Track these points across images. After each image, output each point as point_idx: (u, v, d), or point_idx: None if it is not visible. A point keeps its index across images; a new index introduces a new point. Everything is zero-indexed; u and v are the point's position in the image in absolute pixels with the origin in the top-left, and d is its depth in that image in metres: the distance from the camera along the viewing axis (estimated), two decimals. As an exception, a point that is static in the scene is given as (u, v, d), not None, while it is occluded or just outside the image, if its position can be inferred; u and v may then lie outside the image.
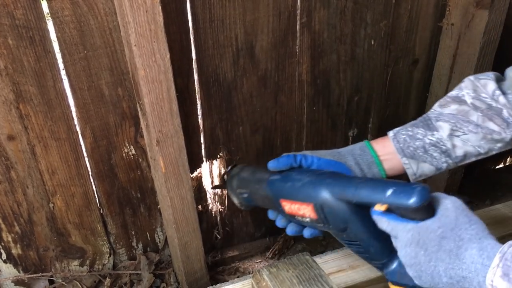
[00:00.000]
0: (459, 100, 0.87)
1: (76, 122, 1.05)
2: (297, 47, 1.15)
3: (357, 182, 0.70)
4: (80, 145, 1.08)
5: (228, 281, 1.20)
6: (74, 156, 1.08)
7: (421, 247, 0.63)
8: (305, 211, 0.76)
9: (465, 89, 0.87)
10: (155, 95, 0.93)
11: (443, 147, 0.86)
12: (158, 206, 1.23)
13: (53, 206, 1.12)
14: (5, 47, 0.91)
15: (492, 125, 0.84)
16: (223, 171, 1.27)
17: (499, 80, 0.87)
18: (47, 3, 0.90)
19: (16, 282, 1.19)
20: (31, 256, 1.18)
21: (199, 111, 1.15)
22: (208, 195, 1.34)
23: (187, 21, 1.01)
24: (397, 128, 0.89)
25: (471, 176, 1.60)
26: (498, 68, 1.31)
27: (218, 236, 1.38)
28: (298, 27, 1.13)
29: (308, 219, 0.77)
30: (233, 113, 1.17)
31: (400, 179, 0.75)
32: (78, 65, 0.98)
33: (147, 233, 1.29)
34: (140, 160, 1.15)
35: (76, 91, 1.01)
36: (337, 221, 0.71)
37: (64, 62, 0.97)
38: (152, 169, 1.13)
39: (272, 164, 0.85)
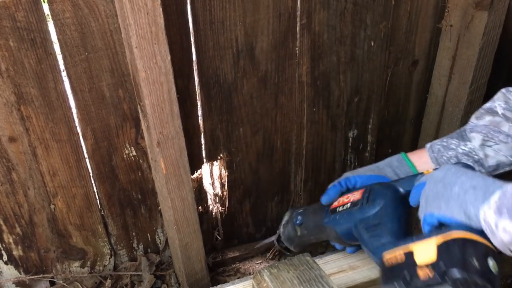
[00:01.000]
0: (492, 112, 0.90)
1: (77, 123, 1.06)
2: (297, 48, 1.16)
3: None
4: (81, 147, 1.08)
5: (228, 282, 1.21)
6: (75, 158, 1.08)
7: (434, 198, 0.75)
8: (352, 196, 0.84)
9: (497, 100, 0.90)
10: (156, 97, 0.93)
11: (476, 156, 0.89)
12: (159, 207, 1.23)
13: (54, 208, 1.13)
14: (6, 49, 0.91)
15: None
16: (224, 172, 1.27)
17: None
18: (48, 5, 0.91)
19: (17, 283, 1.19)
20: (32, 258, 1.18)
21: (200, 113, 1.15)
22: (208, 196, 1.34)
23: (188, 23, 1.02)
24: (434, 141, 0.95)
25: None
26: (498, 69, 1.31)
27: (219, 237, 1.38)
28: (298, 28, 1.13)
29: (348, 205, 0.84)
30: (234, 114, 1.18)
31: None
32: (79, 67, 0.98)
33: (148, 234, 1.29)
34: (140, 161, 1.16)
35: (77, 93, 1.01)
36: (377, 199, 0.80)
37: (65, 64, 0.97)
38: (153, 170, 1.13)
39: (325, 198, 0.92)
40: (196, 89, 1.11)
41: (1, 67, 0.92)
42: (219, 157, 1.23)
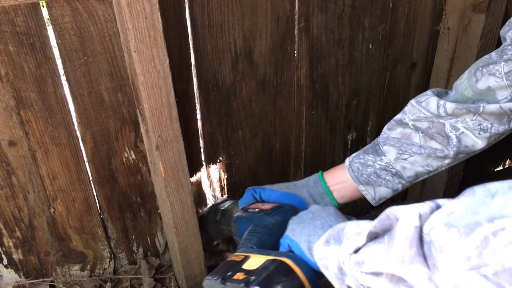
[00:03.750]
0: (402, 123, 0.91)
1: (76, 127, 1.06)
2: (295, 51, 1.16)
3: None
4: (81, 150, 1.09)
5: (228, 285, 1.21)
6: (75, 161, 1.09)
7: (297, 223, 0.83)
8: (266, 206, 0.95)
9: (407, 113, 0.92)
10: (154, 101, 0.94)
11: (393, 170, 0.91)
12: (158, 211, 1.24)
13: (54, 211, 1.13)
14: (5, 53, 0.92)
15: (434, 144, 0.87)
16: (223, 175, 1.28)
17: (442, 95, 0.90)
18: (47, 10, 0.91)
19: (17, 287, 1.19)
20: (32, 261, 1.19)
21: (199, 116, 1.15)
22: (208, 199, 1.34)
23: (186, 27, 1.02)
24: (352, 156, 0.97)
25: (470, 179, 1.61)
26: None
27: (218, 240, 1.38)
28: (296, 32, 1.14)
29: (257, 209, 0.94)
30: (232, 117, 1.18)
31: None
32: (78, 71, 0.99)
33: (148, 237, 1.29)
34: (140, 164, 1.16)
35: (77, 97, 1.02)
36: (276, 215, 0.90)
37: (64, 68, 0.98)
38: (152, 174, 1.13)
39: (241, 202, 1.03)
40: (195, 93, 1.11)
41: (0, 71, 0.93)
42: (218, 160, 1.23)
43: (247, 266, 0.74)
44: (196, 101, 1.13)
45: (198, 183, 1.27)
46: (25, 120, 1.00)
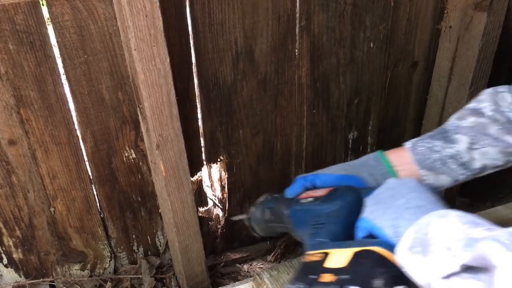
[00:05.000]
0: (477, 113, 0.86)
1: (76, 126, 1.06)
2: (296, 50, 1.16)
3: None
4: (81, 149, 1.08)
5: (229, 284, 1.20)
6: (75, 160, 1.08)
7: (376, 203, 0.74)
8: (320, 192, 0.81)
9: (485, 101, 0.86)
10: (155, 99, 0.93)
11: (461, 159, 0.86)
12: (159, 210, 1.23)
13: (54, 210, 1.13)
14: (5, 52, 0.91)
15: (510, 139, 0.83)
16: (224, 174, 1.27)
17: None
18: (48, 8, 0.91)
19: (17, 287, 1.19)
20: (32, 261, 1.18)
21: (199, 115, 1.15)
22: (208, 198, 1.34)
23: (187, 25, 1.02)
24: (414, 139, 0.89)
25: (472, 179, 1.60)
26: (497, 70, 1.31)
27: (219, 239, 1.38)
28: (297, 30, 1.13)
29: (312, 199, 0.82)
30: (233, 116, 1.18)
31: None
32: (78, 70, 0.98)
33: (148, 236, 1.29)
34: (140, 164, 1.16)
35: (77, 96, 1.01)
36: (336, 200, 0.78)
37: (64, 66, 0.97)
38: (153, 173, 1.13)
39: (289, 192, 0.90)
40: (196, 92, 1.11)
41: (0, 70, 0.93)
42: (219, 159, 1.23)
43: (331, 264, 0.65)
44: (197, 100, 1.12)
45: (199, 182, 1.26)
46: (25, 119, 0.99)
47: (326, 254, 0.67)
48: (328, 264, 0.65)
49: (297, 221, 0.82)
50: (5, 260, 1.16)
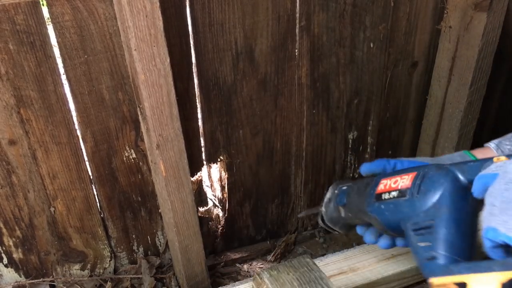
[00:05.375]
0: None
1: (76, 126, 1.06)
2: (296, 50, 1.16)
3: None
4: (81, 149, 1.08)
5: (229, 284, 1.21)
6: (75, 160, 1.09)
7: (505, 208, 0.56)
8: (402, 181, 0.67)
9: None
10: (155, 99, 0.93)
11: None
12: (159, 210, 1.23)
13: (54, 210, 1.13)
14: (6, 52, 0.91)
15: None
16: (224, 174, 1.27)
17: None
18: (48, 8, 0.91)
19: (17, 287, 1.19)
20: (32, 261, 1.18)
21: (199, 115, 1.15)
22: (208, 198, 1.34)
23: (187, 25, 1.02)
24: (498, 139, 0.86)
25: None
26: (497, 70, 1.31)
27: (219, 239, 1.38)
28: (297, 30, 1.13)
29: (395, 193, 0.67)
30: (233, 116, 1.18)
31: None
32: (78, 70, 0.98)
33: (148, 236, 1.29)
34: (140, 163, 1.16)
35: (77, 96, 1.01)
36: (430, 191, 0.61)
37: (64, 66, 0.98)
38: (153, 173, 1.13)
39: (364, 167, 0.81)
40: (196, 92, 1.11)
41: (0, 70, 0.93)
42: (219, 159, 1.23)
43: None
44: (197, 100, 1.12)
45: (199, 182, 1.26)
46: (25, 119, 0.99)
47: (463, 284, 0.54)
48: None
49: (387, 222, 0.69)
50: (5, 260, 1.16)
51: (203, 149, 1.20)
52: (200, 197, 1.29)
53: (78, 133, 1.06)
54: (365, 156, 1.43)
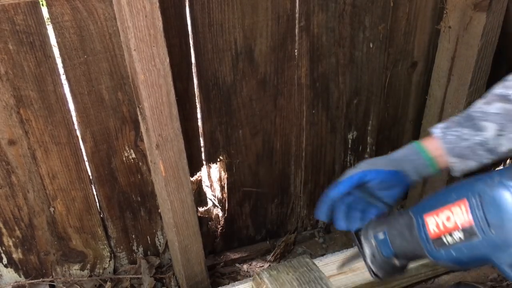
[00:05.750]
0: (505, 99, 0.86)
1: (76, 126, 1.06)
2: (296, 50, 1.16)
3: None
4: (81, 149, 1.08)
5: (228, 284, 1.21)
6: (75, 160, 1.09)
7: None
8: (457, 217, 0.60)
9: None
10: (154, 99, 0.93)
11: (489, 145, 0.86)
12: (159, 210, 1.23)
13: (53, 210, 1.13)
14: (5, 52, 0.91)
15: None
16: (223, 174, 1.27)
17: None
18: (47, 8, 0.91)
19: (17, 287, 1.19)
20: (32, 261, 1.18)
21: (199, 115, 1.15)
22: (208, 198, 1.34)
23: (186, 25, 1.02)
24: (442, 126, 0.89)
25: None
26: (497, 70, 1.31)
27: (218, 239, 1.38)
28: (296, 30, 1.13)
29: (459, 234, 0.60)
30: (233, 116, 1.18)
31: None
32: (78, 70, 0.98)
33: (148, 236, 1.29)
34: (140, 164, 1.16)
35: (76, 96, 1.01)
36: (504, 220, 0.54)
37: (64, 67, 0.98)
38: (152, 173, 1.13)
39: (333, 192, 0.83)
40: (195, 92, 1.11)
41: (0, 70, 0.93)
42: (218, 160, 1.23)
43: None
44: (197, 100, 1.12)
45: (199, 182, 1.26)
46: (24, 119, 0.99)
47: None
48: None
49: (463, 263, 0.63)
50: (5, 260, 1.16)
51: (202, 149, 1.20)
52: (199, 197, 1.30)
53: (78, 133, 1.06)
54: (364, 156, 1.43)
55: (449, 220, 0.61)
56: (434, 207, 0.64)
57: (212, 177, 1.34)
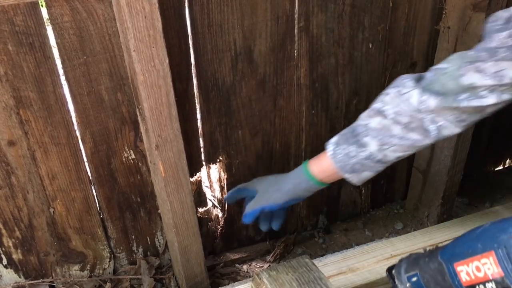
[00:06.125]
0: (382, 114, 0.92)
1: (76, 127, 1.06)
2: (295, 51, 1.16)
3: None
4: (80, 150, 1.09)
5: (228, 284, 1.21)
6: (74, 161, 1.09)
7: None
8: (487, 269, 0.63)
9: (387, 104, 0.91)
10: (154, 100, 0.94)
11: (376, 158, 0.94)
12: (158, 210, 1.23)
13: (53, 211, 1.13)
14: (5, 53, 0.91)
15: (414, 135, 0.90)
16: (223, 175, 1.27)
17: (419, 80, 0.90)
18: (47, 9, 0.91)
19: None
20: (31, 261, 1.18)
21: (198, 115, 1.15)
22: (208, 199, 1.34)
23: (186, 26, 1.02)
24: (334, 142, 0.97)
25: (471, 178, 1.61)
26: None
27: (218, 239, 1.38)
28: (296, 31, 1.13)
29: (492, 284, 0.63)
30: (232, 117, 1.18)
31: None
32: (77, 71, 0.99)
33: (147, 237, 1.29)
34: (140, 164, 1.16)
35: (76, 97, 1.02)
36: None
37: (63, 67, 0.98)
38: (152, 174, 1.13)
39: (244, 221, 1.07)
40: (195, 92, 1.11)
41: (0, 71, 0.93)
42: (218, 160, 1.23)
43: None
44: (196, 101, 1.12)
45: (198, 183, 1.27)
46: (24, 120, 0.99)
47: None
48: None
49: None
50: (4, 261, 1.16)
51: (202, 149, 1.20)
52: (199, 197, 1.30)
53: (77, 134, 1.06)
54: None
55: (480, 271, 0.64)
56: (462, 256, 0.67)
57: (212, 178, 1.34)
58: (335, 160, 0.96)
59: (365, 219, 1.56)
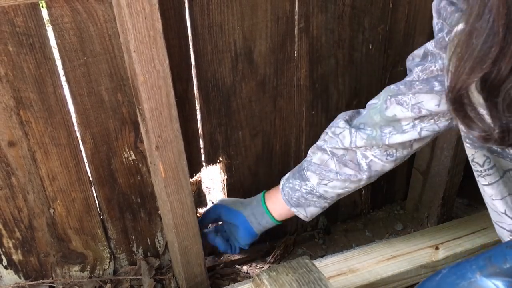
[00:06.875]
0: (321, 149, 1.01)
1: (76, 128, 1.06)
2: (295, 52, 1.16)
3: None
4: (80, 151, 1.09)
5: (228, 285, 1.21)
6: (74, 162, 1.09)
7: None
8: None
9: (327, 142, 1.00)
10: (154, 101, 0.94)
11: (317, 193, 1.01)
12: (158, 211, 1.24)
13: (53, 212, 1.13)
14: (5, 54, 0.91)
15: (348, 170, 0.97)
16: (223, 176, 1.27)
17: (354, 117, 1.01)
18: (47, 10, 0.91)
19: (17, 288, 1.19)
20: (31, 262, 1.18)
21: (198, 116, 1.15)
22: (208, 200, 1.34)
23: (186, 27, 1.02)
24: (286, 177, 1.08)
25: (471, 179, 1.60)
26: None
27: (218, 240, 1.38)
28: (296, 32, 1.13)
29: None
30: (232, 118, 1.18)
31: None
32: (78, 72, 0.99)
33: (148, 238, 1.29)
34: (140, 165, 1.16)
35: (76, 97, 1.02)
36: None
37: (64, 68, 0.98)
38: (152, 174, 1.13)
39: (200, 221, 1.16)
40: (195, 93, 1.11)
41: (0, 72, 0.93)
42: (218, 161, 1.23)
43: None
44: (196, 101, 1.12)
45: (198, 184, 1.27)
46: (24, 121, 0.99)
47: None
48: None
49: None
50: (4, 262, 1.16)
51: (202, 150, 1.20)
52: (199, 198, 1.30)
53: (78, 134, 1.07)
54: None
55: None
56: None
57: (212, 178, 1.34)
58: (283, 193, 1.05)
59: (365, 220, 1.56)
